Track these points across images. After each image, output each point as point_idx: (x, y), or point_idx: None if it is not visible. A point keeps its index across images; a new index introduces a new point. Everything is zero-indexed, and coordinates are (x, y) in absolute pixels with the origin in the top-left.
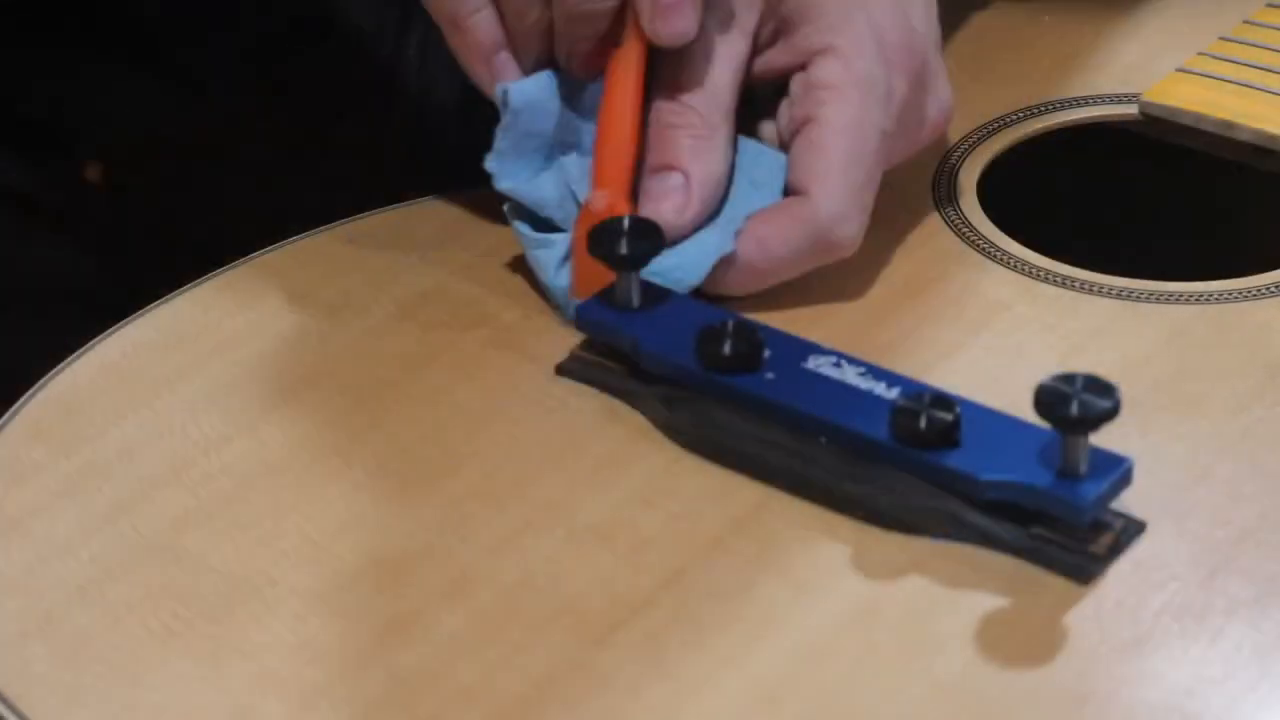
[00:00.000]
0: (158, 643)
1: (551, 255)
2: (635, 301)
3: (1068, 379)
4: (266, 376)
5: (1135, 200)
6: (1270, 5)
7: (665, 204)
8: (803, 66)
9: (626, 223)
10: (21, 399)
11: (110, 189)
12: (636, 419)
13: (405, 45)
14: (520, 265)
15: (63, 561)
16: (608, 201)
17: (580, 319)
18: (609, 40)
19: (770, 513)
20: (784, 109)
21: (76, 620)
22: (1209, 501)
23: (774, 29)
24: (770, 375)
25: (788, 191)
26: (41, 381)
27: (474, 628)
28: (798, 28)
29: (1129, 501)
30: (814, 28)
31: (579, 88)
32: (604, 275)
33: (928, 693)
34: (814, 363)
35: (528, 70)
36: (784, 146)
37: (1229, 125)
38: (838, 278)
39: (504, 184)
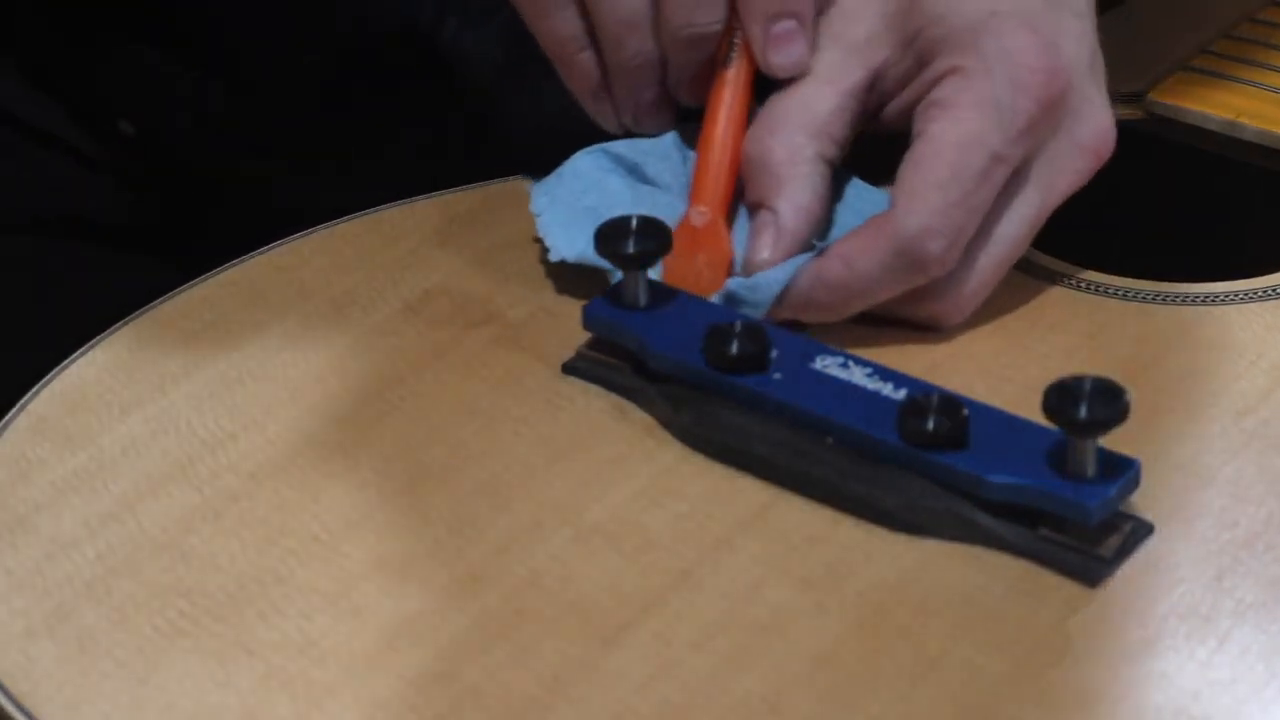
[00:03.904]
0: (164, 641)
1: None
2: (642, 301)
3: (1077, 381)
4: (272, 373)
5: (1140, 199)
6: (1276, 4)
7: (754, 241)
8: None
9: (634, 222)
10: (27, 395)
11: (144, 143)
12: (643, 418)
13: (441, 29)
14: (526, 262)
15: (69, 559)
16: (709, 218)
17: (587, 318)
18: (715, 63)
19: (777, 513)
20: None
21: (83, 618)
22: (1216, 504)
23: (913, 62)
24: (778, 375)
25: None
26: (47, 377)
27: (481, 627)
28: (931, 59)
29: (1137, 503)
30: (942, 54)
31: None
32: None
33: (934, 694)
34: (821, 363)
35: (627, 105)
36: None
37: (1234, 124)
38: None
39: (568, 254)
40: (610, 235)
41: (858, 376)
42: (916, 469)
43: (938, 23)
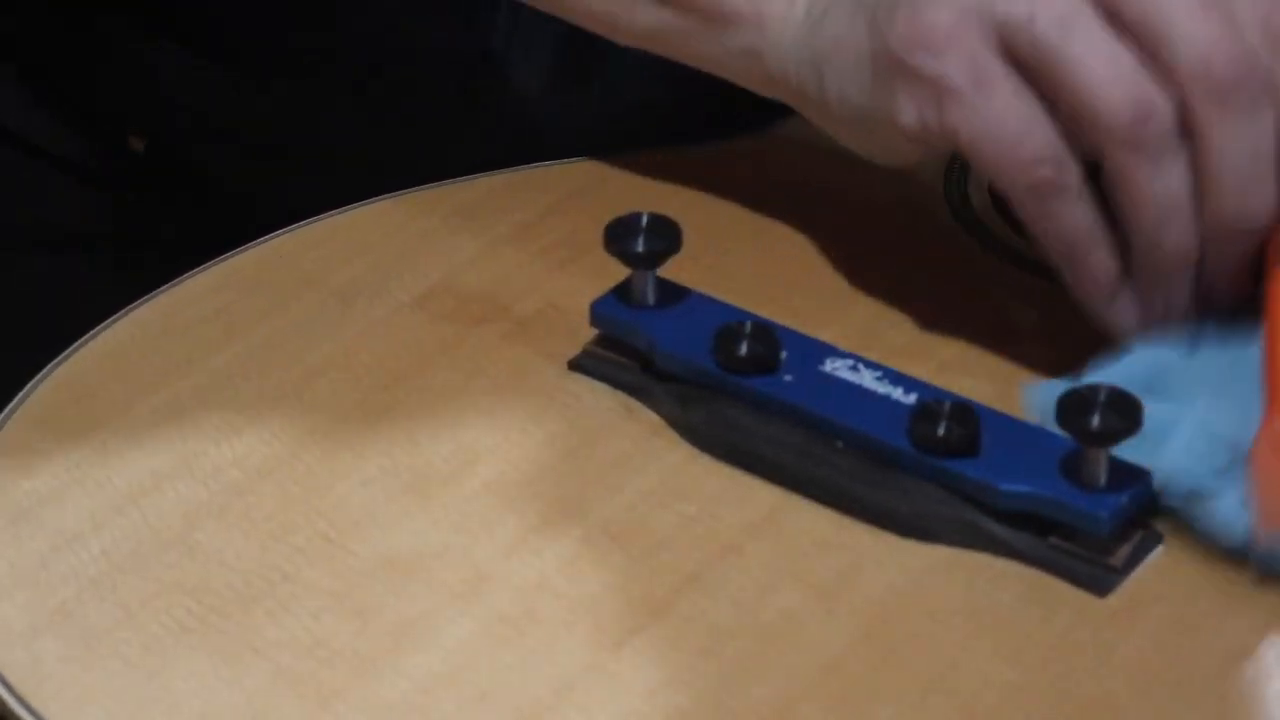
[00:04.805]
0: (171, 638)
1: (1222, 502)
2: (651, 299)
3: (1091, 390)
4: (277, 365)
5: None
6: None
7: None
8: None
9: (644, 219)
10: (29, 385)
11: (152, 157)
12: (650, 416)
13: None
14: (531, 259)
15: (73, 553)
16: None
17: (595, 316)
18: (1256, 261)
19: (786, 516)
20: None
21: (88, 615)
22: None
23: None
24: (788, 377)
25: None
26: (49, 367)
27: (489, 630)
28: None
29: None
30: None
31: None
32: None
33: (944, 703)
34: (831, 365)
35: (1155, 307)
36: None
37: None
38: (852, 278)
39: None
40: (619, 233)
41: (868, 380)
42: (927, 475)
43: None
